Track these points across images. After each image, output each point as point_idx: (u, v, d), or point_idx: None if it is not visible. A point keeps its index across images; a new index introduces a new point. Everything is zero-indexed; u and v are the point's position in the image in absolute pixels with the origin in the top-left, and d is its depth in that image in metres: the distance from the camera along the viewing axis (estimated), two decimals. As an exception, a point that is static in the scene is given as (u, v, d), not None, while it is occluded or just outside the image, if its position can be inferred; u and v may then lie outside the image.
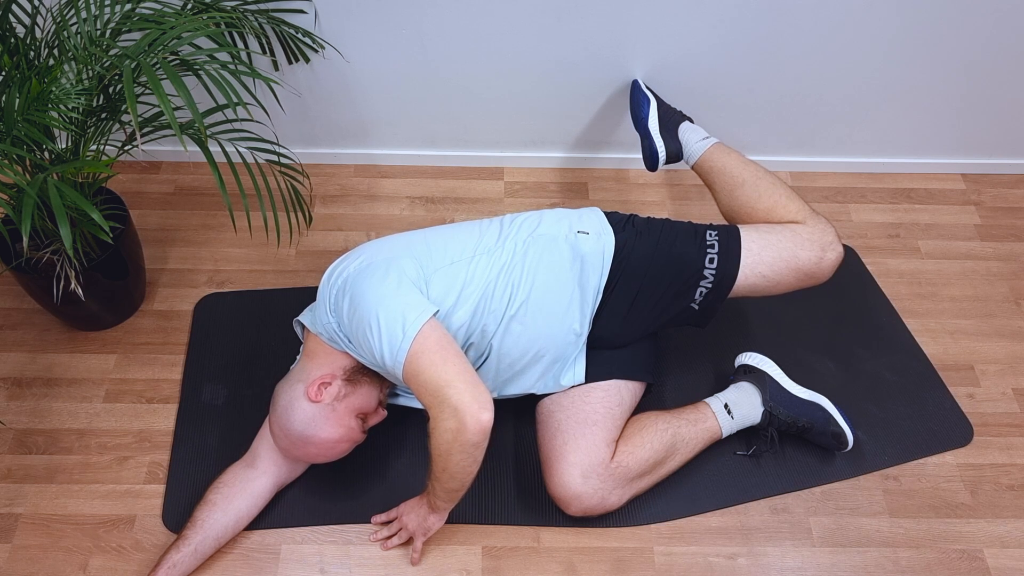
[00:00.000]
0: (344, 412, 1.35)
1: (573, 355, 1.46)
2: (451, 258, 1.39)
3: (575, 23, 1.76)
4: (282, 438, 1.37)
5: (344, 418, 1.35)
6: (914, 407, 1.65)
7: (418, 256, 1.37)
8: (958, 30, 1.79)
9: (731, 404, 1.53)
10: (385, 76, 1.87)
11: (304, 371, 1.39)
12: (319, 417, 1.34)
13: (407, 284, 1.31)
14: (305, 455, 1.38)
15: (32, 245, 1.53)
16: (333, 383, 1.36)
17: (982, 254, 1.94)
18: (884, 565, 1.45)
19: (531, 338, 1.41)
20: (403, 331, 1.23)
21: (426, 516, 1.39)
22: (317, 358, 1.39)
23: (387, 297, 1.28)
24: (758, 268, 1.44)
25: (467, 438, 1.20)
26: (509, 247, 1.41)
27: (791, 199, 1.53)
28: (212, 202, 1.98)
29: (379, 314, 1.25)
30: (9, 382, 1.64)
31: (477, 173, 2.08)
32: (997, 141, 2.05)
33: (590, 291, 1.43)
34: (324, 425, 1.34)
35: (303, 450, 1.37)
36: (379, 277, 1.31)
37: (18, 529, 1.45)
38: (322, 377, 1.36)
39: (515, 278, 1.39)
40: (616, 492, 1.41)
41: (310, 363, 1.39)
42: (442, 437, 1.22)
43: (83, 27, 1.39)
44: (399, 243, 1.41)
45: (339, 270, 1.37)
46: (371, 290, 1.29)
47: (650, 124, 1.76)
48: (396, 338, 1.24)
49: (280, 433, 1.37)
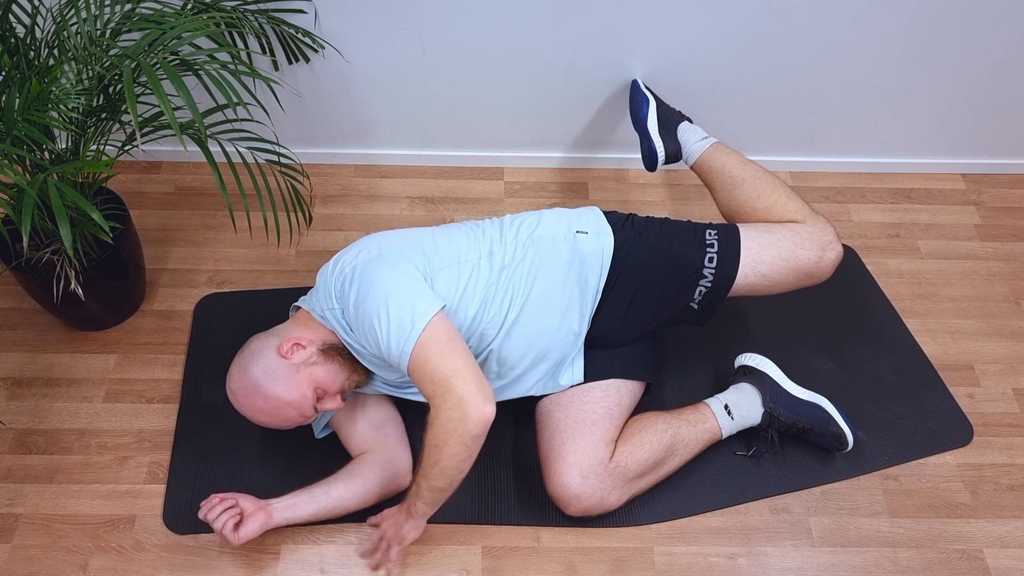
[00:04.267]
0: (306, 378, 1.33)
1: (572, 355, 1.46)
2: (456, 258, 1.39)
3: (575, 23, 1.76)
4: (236, 379, 1.35)
5: (303, 384, 1.33)
6: (914, 407, 1.65)
7: (426, 252, 1.37)
8: (958, 30, 1.79)
9: (731, 405, 1.53)
10: (385, 76, 1.87)
11: (284, 330, 1.39)
12: (280, 372, 1.32)
13: (417, 276, 1.31)
14: (251, 407, 1.34)
15: (32, 245, 1.53)
16: (308, 347, 1.35)
17: (982, 254, 1.94)
18: (884, 565, 1.45)
19: (530, 340, 1.41)
20: (412, 321, 1.23)
21: (403, 523, 1.35)
22: (302, 326, 1.39)
23: (397, 287, 1.28)
24: (758, 267, 1.44)
25: (468, 429, 1.20)
26: (510, 249, 1.41)
27: (790, 198, 1.53)
28: (212, 202, 1.99)
29: (388, 303, 1.25)
30: (9, 382, 1.64)
31: (477, 173, 2.08)
32: (997, 141, 2.05)
33: (589, 291, 1.43)
34: (281, 382, 1.32)
35: (250, 400, 1.33)
36: (388, 267, 1.31)
37: (18, 529, 1.45)
38: (299, 339, 1.35)
39: (515, 281, 1.39)
40: (615, 492, 1.41)
41: (293, 327, 1.39)
42: (443, 427, 1.21)
43: (83, 27, 1.39)
44: (407, 238, 1.41)
45: (346, 258, 1.37)
46: (381, 280, 1.29)
47: (649, 124, 1.76)
48: (405, 327, 1.23)
49: (237, 375, 1.35)
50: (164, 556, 1.43)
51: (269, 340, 1.36)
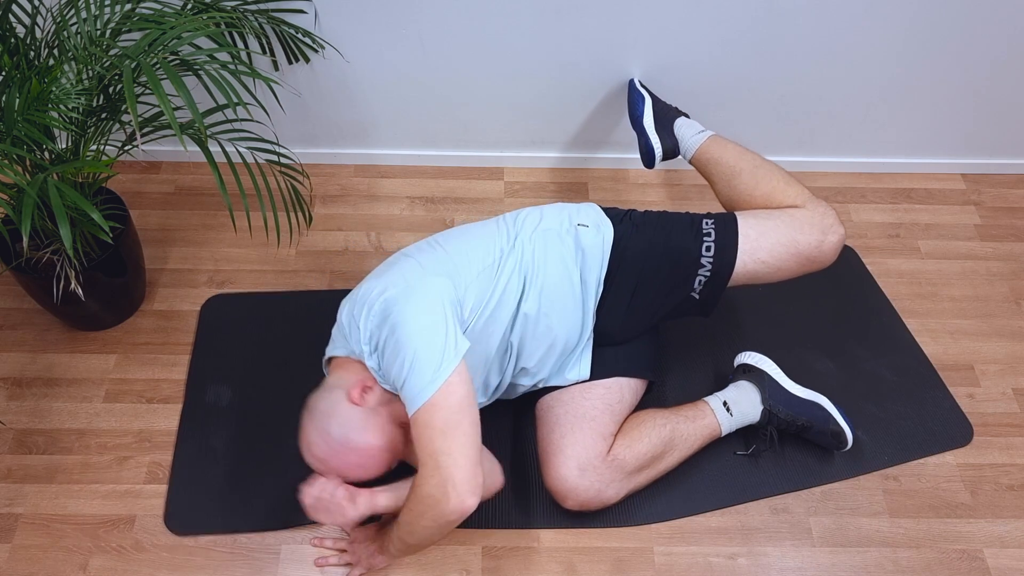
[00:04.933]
0: (387, 418, 1.29)
1: (579, 349, 1.46)
2: (476, 268, 1.36)
3: (575, 23, 1.76)
4: (320, 445, 1.28)
5: (386, 425, 1.29)
6: (914, 407, 1.65)
7: (450, 273, 1.32)
8: (958, 30, 1.79)
9: (730, 402, 1.53)
10: (385, 76, 1.87)
11: (337, 379, 1.32)
12: (362, 422, 1.27)
13: (448, 312, 1.25)
14: (344, 466, 1.28)
15: (32, 245, 1.53)
16: (375, 387, 1.30)
17: (982, 254, 1.94)
18: (884, 565, 1.45)
19: (544, 333, 1.41)
20: (432, 377, 1.19)
21: (375, 553, 1.35)
22: (347, 370, 1.33)
23: (427, 332, 1.22)
24: (757, 254, 1.42)
25: (444, 513, 1.16)
26: (519, 247, 1.40)
27: (790, 184, 1.51)
28: (212, 202, 1.99)
29: (417, 352, 1.20)
30: (9, 382, 1.64)
31: (477, 173, 2.08)
32: (997, 141, 2.05)
33: (592, 283, 1.43)
34: (367, 430, 1.27)
35: (343, 459, 1.28)
36: (423, 304, 1.25)
37: (18, 529, 1.45)
38: (364, 381, 1.30)
39: (530, 276, 1.38)
40: (613, 486, 1.41)
41: (344, 372, 1.33)
42: (422, 500, 1.18)
43: (83, 27, 1.39)
44: (427, 261, 1.35)
45: (372, 296, 1.30)
46: (412, 320, 1.24)
47: (645, 122, 1.76)
48: (424, 380, 1.19)
49: (319, 440, 1.28)
50: (164, 556, 1.43)
51: (334, 395, 1.30)
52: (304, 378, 1.65)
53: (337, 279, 1.84)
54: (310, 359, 1.68)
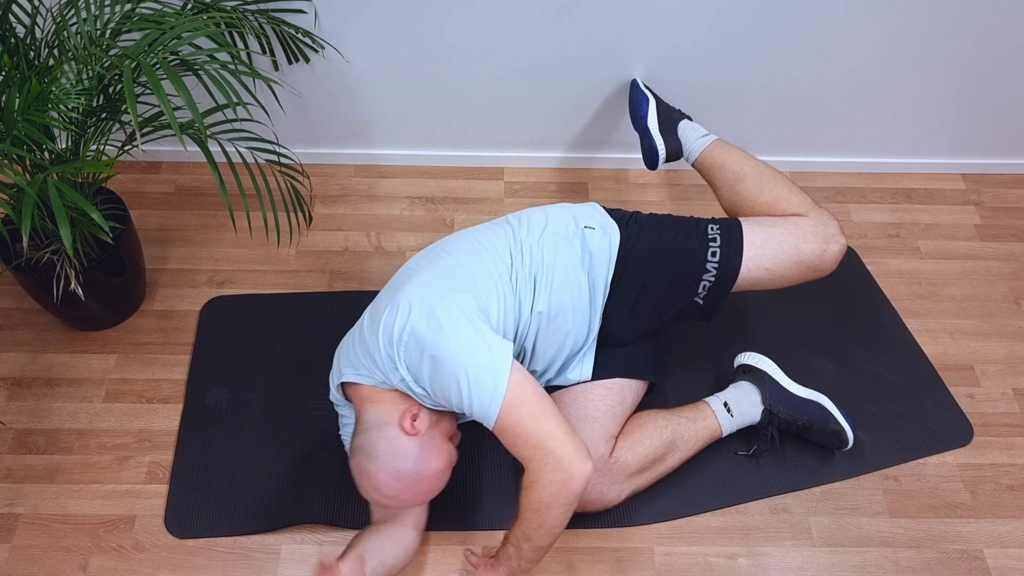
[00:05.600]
0: (440, 438, 1.31)
1: (583, 350, 1.46)
2: (491, 277, 1.34)
3: (575, 23, 1.76)
4: (390, 484, 1.26)
5: (443, 444, 1.31)
6: (914, 407, 1.65)
7: (467, 286, 1.31)
8: (958, 30, 1.79)
9: (731, 402, 1.53)
10: (385, 76, 1.87)
11: (379, 415, 1.30)
12: (423, 449, 1.28)
13: (479, 325, 1.25)
14: (417, 495, 1.29)
15: (32, 245, 1.53)
16: (420, 412, 1.30)
17: (982, 254, 1.94)
18: (884, 565, 1.45)
19: (555, 336, 1.41)
20: (494, 382, 1.19)
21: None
22: (383, 402, 1.31)
23: (468, 347, 1.22)
24: (760, 261, 1.43)
25: (572, 490, 1.18)
26: (527, 251, 1.39)
27: (793, 192, 1.52)
28: (212, 202, 1.99)
29: (467, 369, 1.20)
30: (9, 382, 1.64)
31: (477, 173, 2.08)
32: (997, 141, 2.05)
33: (599, 286, 1.43)
34: (430, 456, 1.28)
35: (415, 490, 1.28)
36: (451, 326, 1.24)
37: (18, 529, 1.45)
38: (409, 410, 1.29)
39: (540, 280, 1.38)
40: (615, 488, 1.41)
41: (380, 407, 1.31)
42: (546, 490, 1.19)
43: (83, 27, 1.39)
44: (439, 273, 1.33)
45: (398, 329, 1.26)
46: (450, 343, 1.22)
47: (649, 123, 1.76)
48: (488, 389, 1.19)
49: (390, 480, 1.26)
50: (164, 556, 1.43)
51: (387, 432, 1.28)
52: (304, 378, 1.65)
53: (337, 279, 1.84)
54: (310, 359, 1.68)
